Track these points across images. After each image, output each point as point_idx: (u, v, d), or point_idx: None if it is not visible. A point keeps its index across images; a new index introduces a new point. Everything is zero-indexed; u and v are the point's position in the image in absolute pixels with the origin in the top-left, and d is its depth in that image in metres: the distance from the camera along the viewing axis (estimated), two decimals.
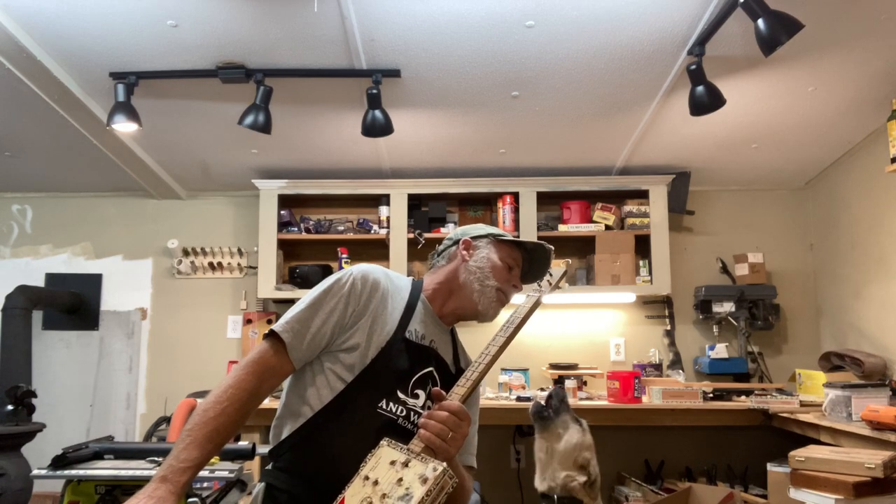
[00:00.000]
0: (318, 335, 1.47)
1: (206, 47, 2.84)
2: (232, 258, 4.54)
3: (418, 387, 1.52)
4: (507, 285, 1.64)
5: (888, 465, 2.39)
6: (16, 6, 2.56)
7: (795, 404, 3.46)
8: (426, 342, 1.58)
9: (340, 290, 1.51)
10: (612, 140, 3.80)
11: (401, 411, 1.48)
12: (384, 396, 1.47)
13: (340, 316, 1.49)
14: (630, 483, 3.94)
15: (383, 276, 1.59)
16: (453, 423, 1.33)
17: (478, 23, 2.67)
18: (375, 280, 1.55)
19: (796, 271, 4.41)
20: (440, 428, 1.32)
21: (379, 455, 1.30)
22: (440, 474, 1.20)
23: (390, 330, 1.52)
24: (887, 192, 3.54)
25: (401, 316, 1.56)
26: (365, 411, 1.45)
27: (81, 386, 4.45)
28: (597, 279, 4.13)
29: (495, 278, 1.62)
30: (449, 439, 1.32)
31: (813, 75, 3.06)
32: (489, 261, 1.64)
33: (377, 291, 1.54)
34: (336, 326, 1.49)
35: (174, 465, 1.27)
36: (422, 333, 1.58)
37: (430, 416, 1.35)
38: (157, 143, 3.83)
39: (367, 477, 1.27)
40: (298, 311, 1.49)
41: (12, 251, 4.63)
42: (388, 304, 1.55)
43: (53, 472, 2.15)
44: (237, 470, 2.26)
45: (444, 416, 1.34)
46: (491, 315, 1.64)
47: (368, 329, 1.50)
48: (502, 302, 1.64)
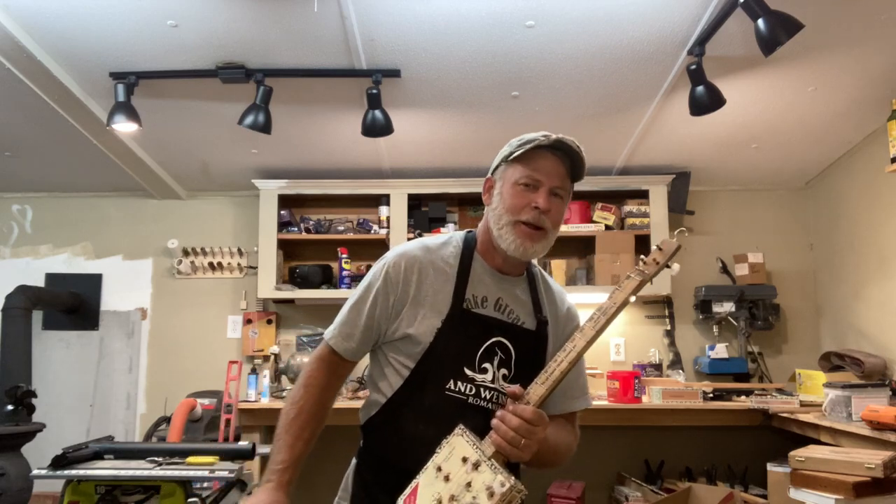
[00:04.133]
0: (367, 332, 1.47)
1: (206, 47, 2.84)
2: (232, 258, 4.54)
3: (485, 360, 1.44)
4: (525, 213, 1.42)
5: (888, 465, 2.39)
6: (16, 6, 2.56)
7: (795, 404, 3.46)
8: (489, 307, 1.47)
9: (377, 283, 1.47)
10: (612, 140, 3.80)
11: (470, 390, 1.42)
12: (451, 377, 1.42)
13: (383, 308, 1.46)
14: (630, 483, 3.94)
15: (421, 253, 1.49)
16: (526, 431, 1.25)
17: (478, 23, 2.67)
18: (409, 262, 1.47)
19: (796, 271, 4.41)
20: (512, 436, 1.26)
21: (452, 445, 1.28)
22: (507, 491, 1.17)
23: (443, 307, 1.44)
24: (887, 192, 3.54)
25: (454, 287, 1.46)
26: (434, 395, 1.41)
27: (81, 386, 4.45)
28: (597, 279, 4.13)
29: (508, 212, 1.44)
30: (522, 446, 1.26)
31: (813, 75, 3.06)
32: (502, 196, 1.46)
33: (413, 274, 1.46)
34: (382, 319, 1.46)
35: (273, 468, 1.38)
36: (482, 296, 1.47)
37: (503, 420, 1.27)
38: (157, 143, 3.83)
39: (439, 468, 1.27)
40: (344, 314, 1.50)
41: (12, 251, 4.63)
42: (432, 282, 1.46)
43: (53, 472, 2.15)
44: (237, 470, 2.26)
45: (516, 424, 1.26)
46: (526, 253, 1.44)
47: (415, 316, 1.44)
48: (528, 235, 1.43)
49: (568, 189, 1.49)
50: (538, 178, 1.43)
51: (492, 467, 1.21)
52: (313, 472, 4.23)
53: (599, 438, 4.06)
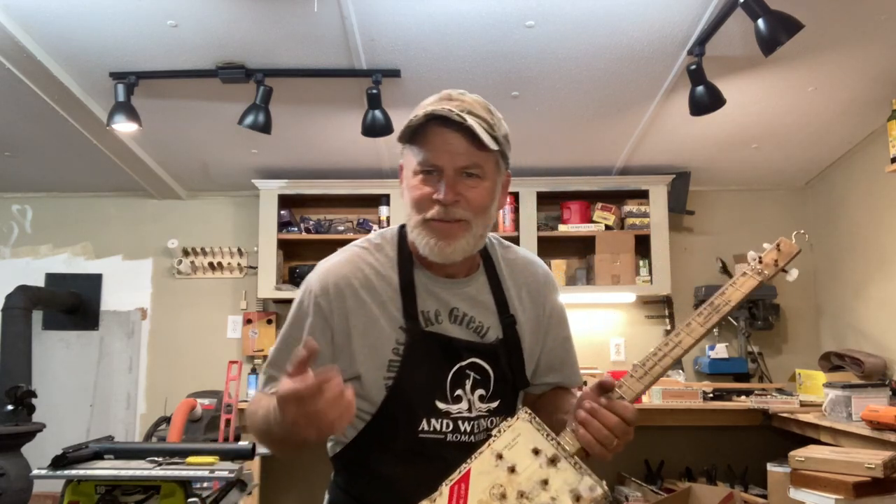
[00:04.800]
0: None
1: (206, 47, 2.84)
2: (232, 258, 4.54)
3: (457, 387, 1.21)
4: (426, 206, 1.16)
5: (888, 465, 2.39)
6: (16, 6, 2.56)
7: (795, 404, 3.46)
8: (443, 321, 1.22)
9: (308, 319, 1.20)
10: (612, 140, 3.80)
11: (446, 426, 1.20)
12: (423, 416, 1.19)
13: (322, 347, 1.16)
14: (630, 483, 3.94)
15: (351, 269, 1.22)
16: (622, 431, 1.05)
17: (478, 23, 2.67)
18: (340, 286, 1.20)
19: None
20: (606, 434, 1.04)
21: (517, 430, 1.07)
22: (600, 498, 1.01)
23: (396, 334, 1.20)
24: (887, 192, 3.54)
25: (402, 307, 1.20)
26: (406, 439, 1.19)
27: (81, 386, 4.45)
28: (597, 279, 4.13)
29: (414, 208, 1.18)
30: (612, 447, 1.06)
31: (813, 75, 3.06)
32: (407, 187, 1.20)
33: (347, 299, 1.20)
34: (325, 359, 1.18)
35: None
36: (434, 310, 1.22)
37: (597, 415, 1.05)
38: (157, 143, 3.83)
39: (500, 455, 1.06)
40: (275, 355, 1.24)
41: (12, 251, 4.63)
42: (373, 300, 1.20)
43: (53, 472, 2.15)
44: (237, 470, 2.26)
45: (614, 422, 1.04)
46: (444, 254, 1.17)
47: (362, 351, 1.19)
48: (441, 232, 1.16)
49: (489, 163, 1.18)
50: (436, 162, 1.14)
51: (576, 466, 1.03)
52: (310, 469, 4.23)
53: None
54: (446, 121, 1.12)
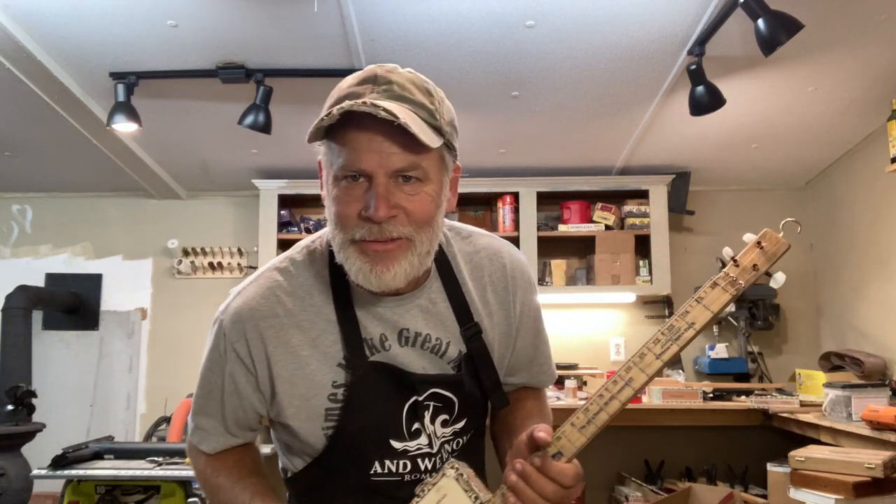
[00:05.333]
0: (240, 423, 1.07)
1: (206, 47, 2.83)
2: (232, 258, 4.54)
3: (413, 420, 1.02)
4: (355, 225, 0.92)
5: (888, 465, 2.38)
6: (16, 6, 2.56)
7: (795, 404, 3.46)
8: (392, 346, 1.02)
9: (225, 366, 1.02)
10: (612, 140, 3.80)
11: (403, 467, 1.02)
12: (374, 459, 1.01)
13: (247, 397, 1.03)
14: (630, 483, 3.94)
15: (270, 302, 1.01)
16: (560, 498, 0.88)
17: (478, 22, 2.67)
18: (257, 324, 1.00)
19: (796, 271, 4.41)
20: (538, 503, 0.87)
21: (442, 491, 0.92)
22: None
23: (332, 376, 0.99)
24: (887, 192, 3.54)
25: (338, 339, 1.00)
26: (357, 481, 1.03)
27: (81, 386, 4.45)
28: (597, 279, 4.13)
29: (337, 227, 0.94)
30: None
31: (813, 75, 3.06)
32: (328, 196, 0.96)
33: (265, 342, 1.00)
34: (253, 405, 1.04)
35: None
36: (381, 335, 1.01)
37: (529, 481, 0.87)
38: (157, 143, 3.83)
39: None
40: (196, 404, 1.08)
41: (12, 251, 4.63)
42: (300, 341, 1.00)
43: (53, 472, 2.15)
44: None
45: (550, 490, 0.87)
46: (383, 282, 0.94)
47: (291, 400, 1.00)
48: (376, 257, 0.92)
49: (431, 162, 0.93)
50: (362, 167, 0.89)
51: None
52: None
53: (599, 438, 4.05)
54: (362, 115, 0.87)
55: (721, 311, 0.94)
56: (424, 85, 0.97)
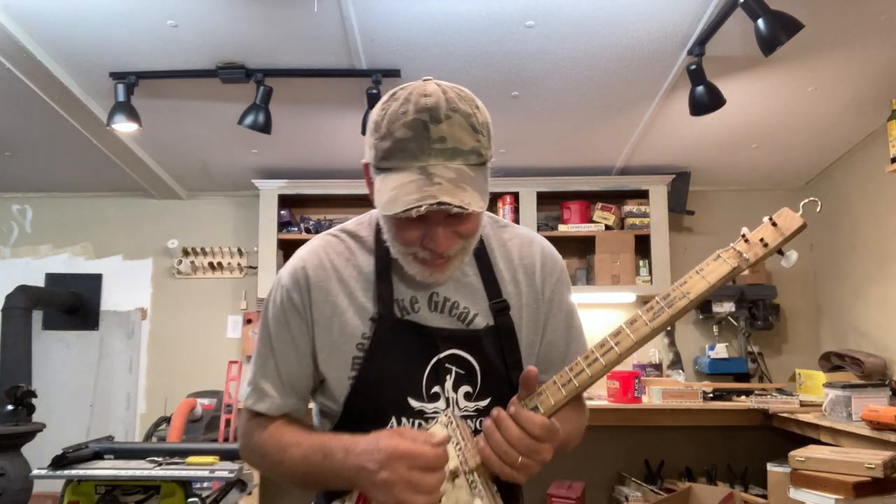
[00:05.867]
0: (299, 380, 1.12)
1: (206, 47, 2.84)
2: (232, 258, 4.54)
3: (434, 383, 1.08)
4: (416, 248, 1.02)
5: (888, 465, 2.39)
6: (16, 6, 2.56)
7: (795, 404, 3.46)
8: (421, 309, 1.10)
9: (284, 318, 1.11)
10: (612, 140, 3.80)
11: (419, 427, 1.07)
12: (392, 414, 1.07)
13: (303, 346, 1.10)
14: (630, 483, 3.94)
15: (320, 255, 1.12)
16: (527, 447, 0.92)
17: (478, 23, 2.67)
18: (306, 273, 1.10)
19: (796, 271, 4.41)
20: (505, 450, 0.92)
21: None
22: None
23: (362, 328, 1.08)
24: (887, 192, 3.54)
25: (375, 294, 1.09)
26: None
27: (81, 386, 4.45)
28: (597, 279, 4.13)
29: (396, 242, 1.05)
30: (518, 465, 0.92)
31: (813, 75, 3.06)
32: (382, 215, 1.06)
33: (311, 290, 1.09)
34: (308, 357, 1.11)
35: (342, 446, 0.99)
36: (411, 297, 1.10)
37: (499, 425, 0.93)
38: (157, 143, 3.83)
39: None
40: (254, 363, 1.15)
41: (12, 251, 4.63)
42: (340, 292, 1.09)
43: (53, 472, 2.15)
44: (237, 470, 2.26)
45: (515, 436, 0.92)
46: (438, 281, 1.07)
47: (324, 345, 1.09)
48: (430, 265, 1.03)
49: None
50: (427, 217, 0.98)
51: (471, 484, 0.92)
52: None
53: (599, 438, 4.05)
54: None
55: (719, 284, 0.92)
56: (469, 120, 1.01)
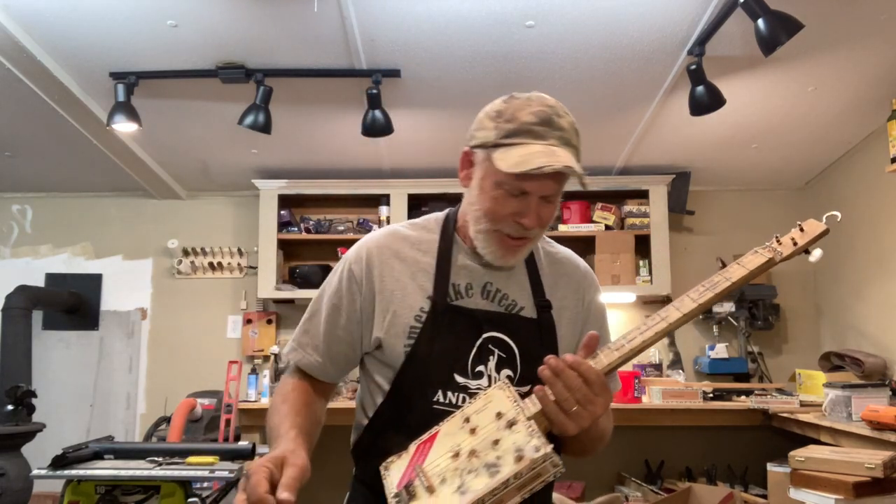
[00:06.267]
0: (335, 345, 1.24)
1: (206, 47, 2.84)
2: (232, 258, 4.54)
3: (479, 363, 1.18)
4: (506, 223, 1.15)
5: (888, 465, 2.39)
6: (16, 6, 2.56)
7: (795, 404, 3.46)
8: (475, 295, 1.22)
9: (337, 285, 1.25)
10: (612, 140, 3.80)
11: (462, 400, 1.16)
12: (439, 387, 1.16)
13: (349, 314, 1.23)
14: (630, 483, 3.94)
15: (388, 240, 1.26)
16: (584, 396, 0.99)
17: (478, 23, 2.67)
18: (373, 250, 1.24)
19: (796, 271, 4.41)
20: (566, 396, 0.99)
21: (489, 398, 1.07)
22: (539, 458, 0.94)
23: (421, 302, 1.20)
24: (887, 192, 3.54)
25: (434, 277, 1.21)
26: (421, 411, 1.16)
27: (81, 386, 4.45)
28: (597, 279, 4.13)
29: (486, 217, 1.17)
30: (572, 413, 0.99)
31: (813, 75, 3.06)
32: (481, 191, 1.17)
33: (375, 267, 1.22)
34: (352, 326, 1.23)
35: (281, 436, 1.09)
36: (466, 284, 1.22)
37: (559, 373, 1.00)
38: (157, 143, 3.83)
39: (467, 419, 1.06)
40: (305, 324, 1.28)
41: (12, 251, 4.63)
42: (404, 269, 1.23)
43: (53, 472, 2.15)
44: (237, 470, 2.26)
45: (576, 384, 0.99)
46: (506, 263, 1.21)
47: (387, 313, 1.20)
48: (509, 247, 1.18)
49: (561, 190, 1.19)
50: (527, 189, 1.13)
51: (529, 428, 0.98)
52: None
53: None
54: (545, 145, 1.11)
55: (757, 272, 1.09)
56: (574, 126, 1.16)
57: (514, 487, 0.94)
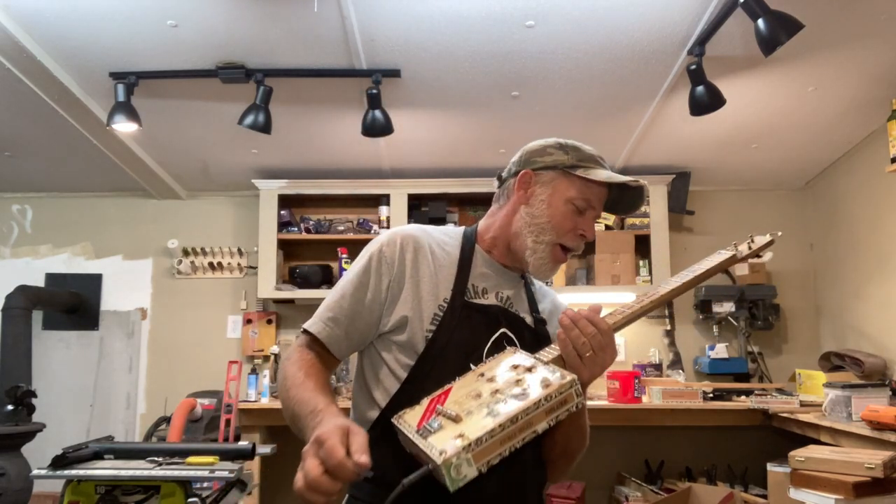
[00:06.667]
0: (356, 319, 1.29)
1: (206, 47, 2.84)
2: (232, 258, 4.54)
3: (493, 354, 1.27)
4: (570, 236, 1.33)
5: (888, 465, 2.39)
6: (16, 6, 2.56)
7: (795, 404, 3.46)
8: (490, 297, 1.34)
9: (368, 263, 1.31)
10: (612, 140, 3.80)
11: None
12: (457, 375, 1.19)
13: (375, 291, 1.28)
14: (630, 483, 3.94)
15: (420, 231, 1.35)
16: (598, 343, 1.12)
17: (478, 23, 2.67)
18: (406, 238, 1.32)
19: (796, 271, 4.41)
20: (582, 341, 1.12)
21: (501, 358, 1.16)
22: (567, 384, 1.00)
23: (444, 293, 1.29)
24: (887, 192, 3.54)
25: (456, 273, 1.32)
26: None
27: (81, 386, 4.45)
28: (597, 279, 4.14)
29: (554, 230, 1.32)
30: (586, 358, 1.12)
31: (813, 75, 3.06)
32: (549, 206, 1.32)
33: (409, 252, 1.30)
34: (374, 304, 1.28)
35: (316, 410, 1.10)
36: (483, 287, 1.34)
37: (576, 322, 1.13)
38: (157, 143, 3.83)
39: (482, 374, 1.13)
40: (329, 299, 1.32)
41: (12, 251, 4.63)
42: (432, 261, 1.31)
43: (53, 472, 2.15)
44: (237, 470, 2.26)
45: (591, 330, 1.13)
46: (543, 275, 1.35)
47: (414, 297, 1.28)
48: (559, 260, 1.34)
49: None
50: (594, 204, 1.34)
51: (550, 368, 1.07)
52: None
53: (599, 438, 4.04)
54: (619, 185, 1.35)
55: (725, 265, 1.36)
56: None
57: (543, 410, 0.99)
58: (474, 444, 0.94)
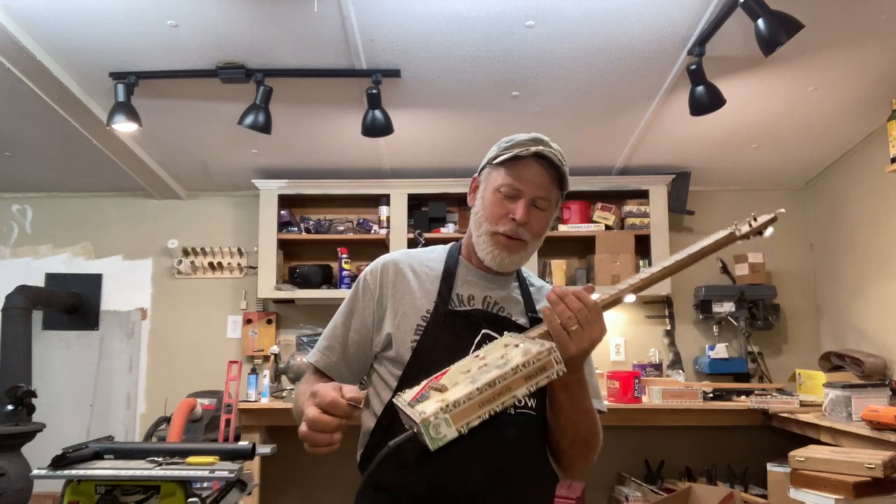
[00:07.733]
0: (350, 347, 1.41)
1: (206, 47, 2.84)
2: (232, 258, 4.54)
3: None
4: (503, 222, 1.35)
5: (888, 465, 2.39)
6: (16, 6, 2.56)
7: (795, 404, 3.46)
8: (476, 304, 1.39)
9: (356, 293, 1.44)
10: (612, 140, 3.80)
11: None
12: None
13: (363, 316, 1.41)
14: (630, 483, 3.94)
15: (401, 256, 1.46)
16: (584, 317, 1.15)
17: (478, 23, 2.67)
18: (386, 266, 1.43)
19: (796, 271, 4.41)
20: (568, 315, 1.14)
21: (497, 343, 1.22)
22: (545, 351, 1.05)
23: (428, 306, 1.36)
24: (887, 192, 3.54)
25: (438, 287, 1.39)
26: None
27: (81, 386, 4.45)
28: (597, 279, 4.13)
29: (487, 220, 1.37)
30: (572, 331, 1.15)
31: (813, 75, 3.06)
32: (483, 200, 1.40)
33: (390, 276, 1.41)
34: (364, 330, 1.41)
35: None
36: (468, 295, 1.40)
37: (563, 297, 1.17)
38: (157, 143, 3.83)
39: (478, 356, 1.20)
40: (325, 331, 1.46)
41: (12, 251, 4.63)
42: (413, 279, 1.41)
43: (53, 472, 2.15)
44: (237, 470, 2.26)
45: (577, 305, 1.15)
46: (502, 264, 1.38)
47: (396, 314, 1.37)
48: (504, 246, 1.36)
49: (553, 199, 1.39)
50: (519, 187, 1.35)
51: (535, 341, 1.12)
52: (310, 469, 4.23)
53: None
54: (537, 157, 1.34)
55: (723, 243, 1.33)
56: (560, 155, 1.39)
57: (521, 376, 1.04)
58: (452, 405, 1.01)
